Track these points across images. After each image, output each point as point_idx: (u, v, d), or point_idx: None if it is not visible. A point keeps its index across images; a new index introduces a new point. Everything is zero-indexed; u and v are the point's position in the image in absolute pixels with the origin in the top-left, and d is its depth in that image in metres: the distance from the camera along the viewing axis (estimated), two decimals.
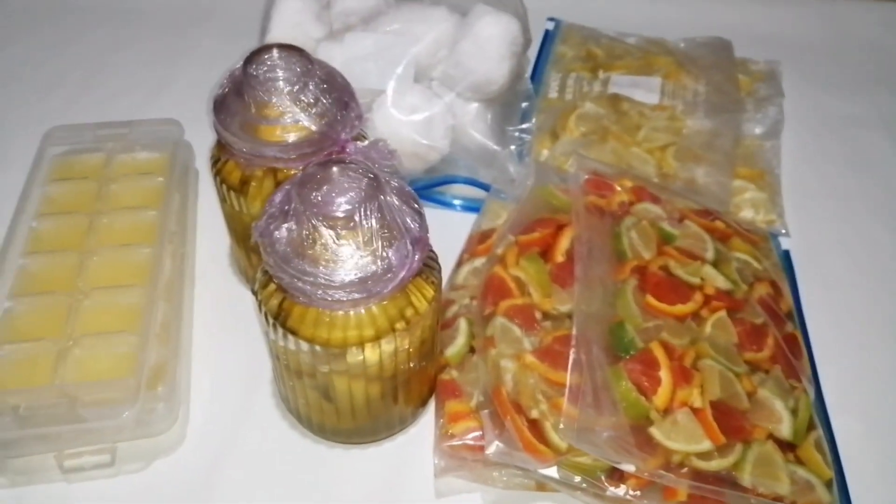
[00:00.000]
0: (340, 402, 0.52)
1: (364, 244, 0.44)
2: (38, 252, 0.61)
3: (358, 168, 0.45)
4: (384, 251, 0.45)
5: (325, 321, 0.46)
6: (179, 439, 0.56)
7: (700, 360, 0.53)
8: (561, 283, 0.57)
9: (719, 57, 0.85)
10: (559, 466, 0.51)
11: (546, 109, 0.80)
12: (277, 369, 0.54)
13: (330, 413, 0.53)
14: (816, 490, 0.50)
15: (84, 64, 0.89)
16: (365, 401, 0.52)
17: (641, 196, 0.65)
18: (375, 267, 0.44)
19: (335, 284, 0.44)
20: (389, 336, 0.47)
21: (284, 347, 0.48)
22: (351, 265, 0.44)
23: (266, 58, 0.53)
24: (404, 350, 0.49)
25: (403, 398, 0.54)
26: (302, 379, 0.51)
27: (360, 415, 0.53)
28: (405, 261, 0.45)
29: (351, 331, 0.46)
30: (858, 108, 0.86)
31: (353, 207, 0.43)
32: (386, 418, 0.55)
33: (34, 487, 0.53)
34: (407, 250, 0.45)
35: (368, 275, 0.44)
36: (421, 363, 0.52)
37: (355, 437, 0.56)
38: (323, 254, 0.44)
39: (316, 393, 0.52)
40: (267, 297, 0.48)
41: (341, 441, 0.56)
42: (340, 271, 0.44)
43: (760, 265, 0.63)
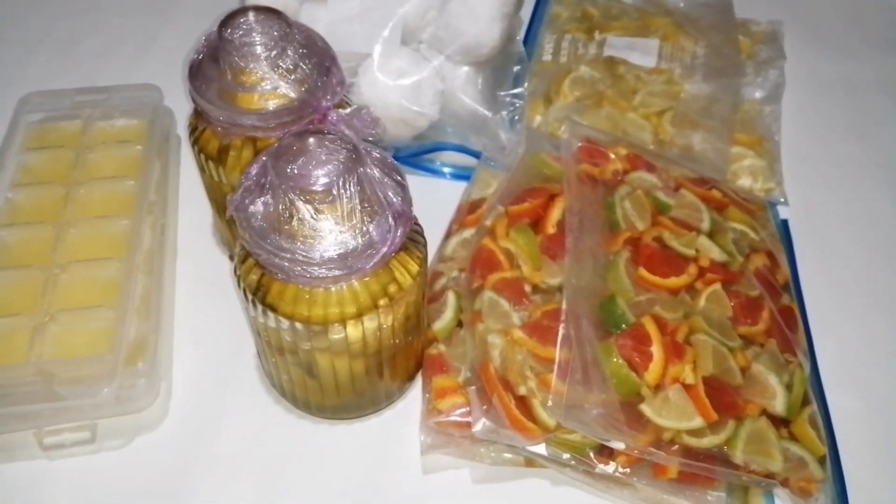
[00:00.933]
0: (324, 378, 0.51)
1: (344, 218, 0.42)
2: (13, 224, 0.59)
3: (336, 138, 0.43)
4: (365, 226, 0.43)
5: (304, 298, 0.45)
6: (161, 415, 0.55)
7: (693, 334, 0.52)
8: (552, 255, 0.56)
9: (719, 17, 0.82)
10: (548, 443, 0.50)
11: (539, 73, 0.77)
12: (259, 345, 0.53)
13: (314, 390, 0.52)
14: (809, 466, 0.49)
15: (61, 27, 0.86)
16: (349, 377, 0.51)
17: (636, 164, 0.63)
18: (356, 243, 0.42)
19: (314, 261, 0.42)
20: (372, 313, 0.46)
21: (265, 324, 0.47)
22: (330, 241, 0.42)
23: (242, 21, 0.50)
24: (388, 326, 0.48)
25: (389, 374, 0.53)
26: (284, 356, 0.50)
27: (345, 391, 0.52)
28: (387, 236, 0.43)
29: (332, 308, 0.45)
30: (862, 72, 0.83)
31: (331, 181, 0.42)
32: (371, 394, 0.54)
33: (14, 465, 0.53)
34: (389, 225, 0.44)
35: (349, 251, 0.42)
36: (406, 338, 0.51)
37: (341, 412, 0.55)
38: (301, 229, 0.42)
39: (299, 370, 0.50)
40: (246, 273, 0.46)
41: (326, 417, 0.55)
42: (319, 247, 0.42)
43: (757, 236, 0.61)
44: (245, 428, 0.55)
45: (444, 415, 0.52)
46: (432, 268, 0.60)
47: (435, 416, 0.52)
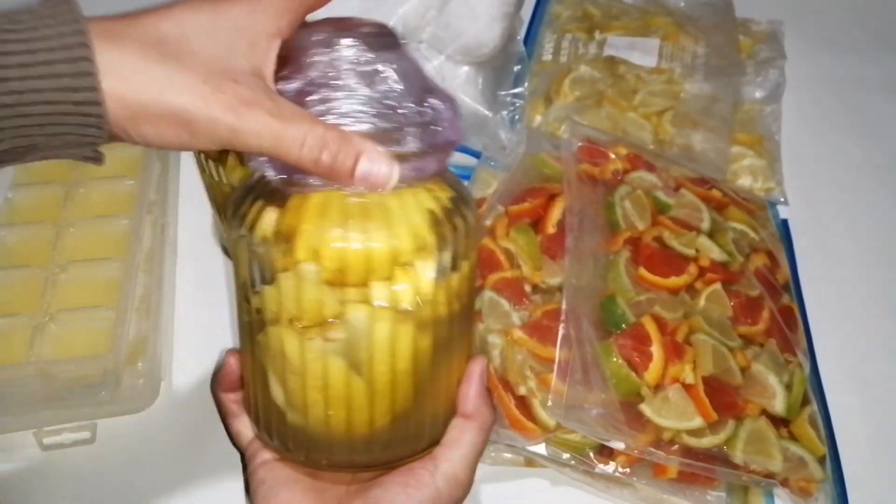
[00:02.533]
0: (378, 367, 0.35)
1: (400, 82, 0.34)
2: (13, 224, 0.59)
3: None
4: (424, 95, 0.35)
5: (351, 209, 0.34)
6: (161, 415, 0.55)
7: (693, 334, 0.52)
8: (552, 255, 0.56)
9: (720, 17, 0.82)
10: (547, 443, 0.50)
11: (539, 73, 0.77)
12: (258, 366, 0.38)
13: (357, 400, 0.36)
14: (809, 466, 0.49)
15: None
16: (412, 362, 0.36)
17: (636, 164, 0.63)
18: (420, 116, 0.34)
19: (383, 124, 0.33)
20: (444, 244, 0.34)
21: (290, 290, 0.34)
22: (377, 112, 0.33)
23: None
24: (463, 277, 0.36)
25: (455, 365, 0.39)
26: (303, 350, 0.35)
27: (402, 393, 0.37)
28: (454, 120, 0.35)
29: (396, 225, 0.34)
30: (863, 71, 0.83)
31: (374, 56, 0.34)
32: (430, 405, 0.39)
33: (14, 464, 0.53)
34: (452, 110, 0.35)
35: (420, 120, 0.34)
36: (467, 320, 0.40)
37: (378, 451, 0.38)
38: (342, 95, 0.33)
39: (339, 364, 0.35)
40: (256, 214, 0.35)
41: (355, 466, 0.39)
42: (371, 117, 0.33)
43: (757, 235, 0.61)
44: None
45: None
46: None
47: None
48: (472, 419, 0.40)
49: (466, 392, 0.40)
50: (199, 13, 0.31)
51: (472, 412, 0.40)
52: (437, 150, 0.35)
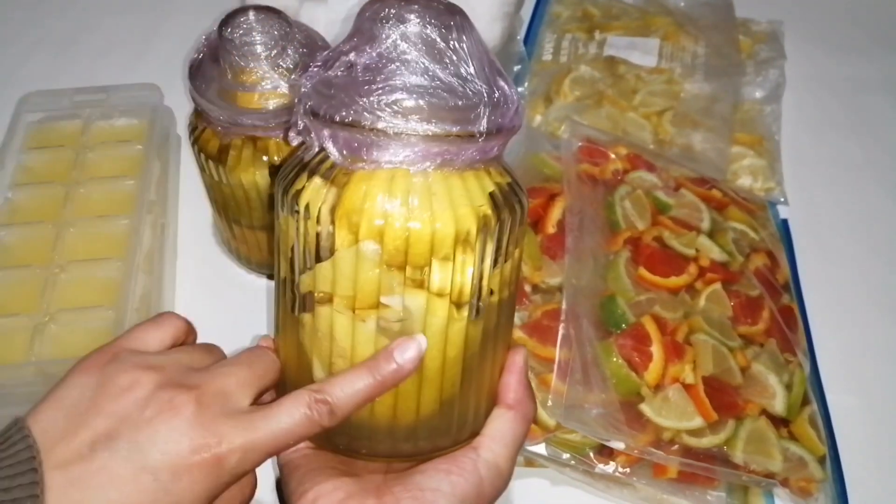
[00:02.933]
0: (433, 349, 0.35)
1: (467, 62, 0.33)
2: (13, 224, 0.59)
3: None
4: (493, 77, 0.34)
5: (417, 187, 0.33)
6: None
7: (693, 334, 0.52)
8: (552, 255, 0.56)
9: (720, 17, 0.82)
10: (547, 443, 0.50)
11: (539, 73, 0.77)
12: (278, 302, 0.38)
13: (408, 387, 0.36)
14: (809, 466, 0.49)
15: (60, 27, 0.86)
16: (462, 348, 0.36)
17: (636, 164, 0.63)
18: (493, 93, 0.33)
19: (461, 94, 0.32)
20: (498, 227, 0.34)
21: (353, 270, 0.33)
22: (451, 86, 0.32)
23: (242, 20, 0.50)
24: (513, 264, 0.36)
25: (500, 354, 0.39)
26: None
27: (451, 376, 0.36)
28: (519, 106, 0.35)
29: (461, 206, 0.33)
30: (863, 71, 0.83)
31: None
32: (474, 392, 0.38)
33: None
34: (517, 94, 0.35)
35: (494, 99, 0.33)
36: (514, 300, 0.40)
37: (424, 437, 0.38)
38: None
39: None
40: (315, 192, 0.34)
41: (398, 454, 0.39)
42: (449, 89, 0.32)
43: (757, 235, 0.61)
44: None
45: None
46: None
47: None
48: (515, 409, 0.39)
49: (508, 382, 0.39)
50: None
51: (515, 403, 0.39)
52: (504, 132, 0.34)
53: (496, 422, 0.38)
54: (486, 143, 0.33)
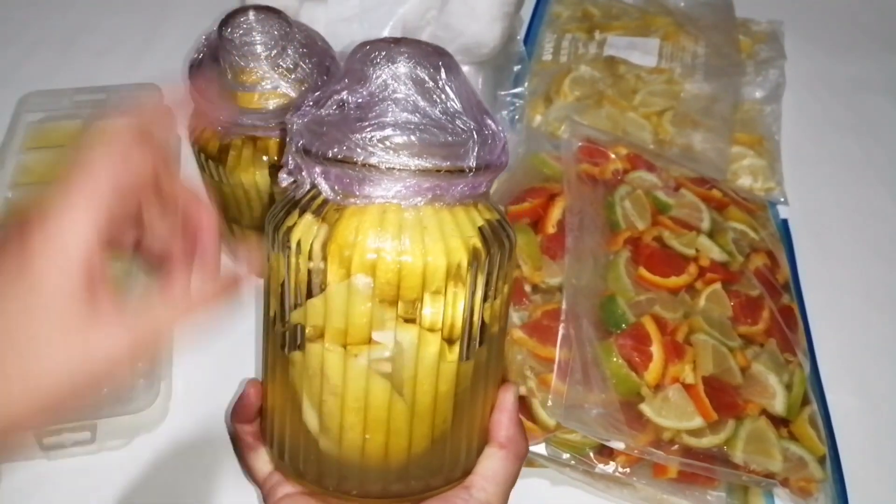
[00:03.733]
0: (420, 387, 0.35)
1: (454, 100, 0.34)
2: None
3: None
4: (480, 115, 0.35)
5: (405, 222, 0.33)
6: (161, 415, 0.55)
7: (693, 334, 0.52)
8: (552, 255, 0.56)
9: (720, 17, 0.82)
10: (547, 443, 0.50)
11: (539, 73, 0.77)
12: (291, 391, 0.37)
13: (397, 422, 0.35)
14: (809, 466, 0.49)
15: (60, 26, 0.86)
16: (455, 383, 0.36)
17: (636, 164, 0.63)
18: (481, 132, 0.34)
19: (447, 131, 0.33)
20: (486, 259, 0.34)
21: (342, 300, 0.33)
22: (439, 125, 0.33)
23: (242, 20, 0.50)
24: (502, 299, 0.36)
25: (491, 390, 0.39)
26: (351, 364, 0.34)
27: (442, 414, 0.36)
28: (505, 143, 0.35)
29: (451, 238, 0.34)
30: (863, 71, 0.83)
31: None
32: (466, 428, 0.38)
33: (14, 465, 0.53)
34: (504, 132, 0.36)
35: (482, 136, 0.34)
36: (504, 335, 0.40)
37: (413, 478, 0.38)
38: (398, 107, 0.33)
39: (382, 386, 0.34)
40: (307, 228, 0.34)
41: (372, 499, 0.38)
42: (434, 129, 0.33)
43: (757, 235, 0.61)
44: None
45: None
46: None
47: None
48: (506, 448, 0.39)
49: (500, 420, 0.39)
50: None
51: (507, 441, 0.39)
52: (492, 168, 0.35)
53: (488, 461, 0.39)
54: (475, 179, 0.34)
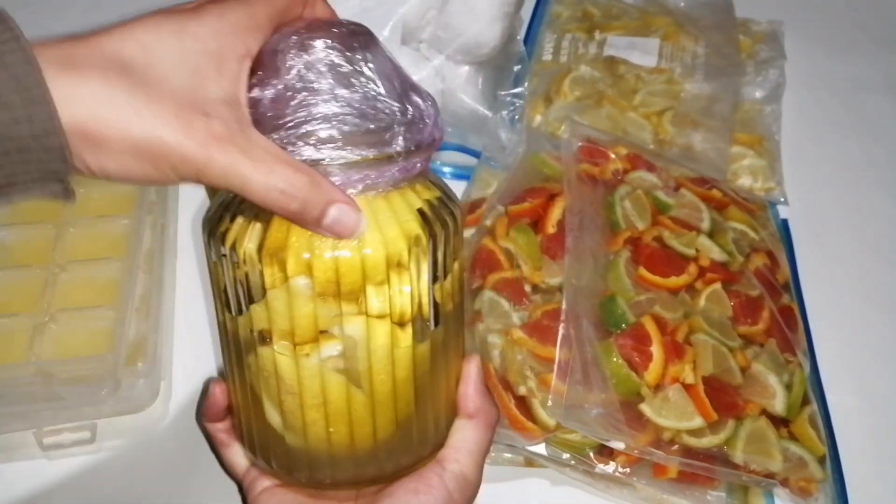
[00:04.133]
0: (377, 377, 0.35)
1: (380, 82, 0.33)
2: (13, 224, 0.59)
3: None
4: (406, 93, 0.34)
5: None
6: (161, 415, 0.55)
7: (693, 334, 0.52)
8: (552, 255, 0.56)
9: (720, 17, 0.82)
10: (547, 443, 0.50)
11: (539, 73, 0.77)
12: (251, 390, 0.37)
13: (359, 412, 0.35)
14: (809, 466, 0.49)
15: (60, 27, 0.86)
16: (411, 370, 0.36)
17: (636, 164, 0.63)
18: (405, 113, 0.33)
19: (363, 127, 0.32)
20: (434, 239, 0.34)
21: (285, 307, 0.33)
22: (362, 111, 0.32)
23: None
24: (453, 275, 0.36)
25: (453, 367, 0.39)
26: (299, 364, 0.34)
27: (403, 402, 0.36)
28: (437, 117, 0.35)
29: (387, 228, 0.33)
30: (863, 71, 0.83)
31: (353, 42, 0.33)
32: (431, 410, 0.38)
33: (14, 465, 0.53)
34: (434, 106, 0.35)
35: (408, 118, 0.33)
36: (462, 310, 0.40)
37: (381, 460, 0.38)
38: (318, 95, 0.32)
39: (337, 382, 0.34)
40: (240, 232, 0.33)
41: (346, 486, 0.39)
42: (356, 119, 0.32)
43: (758, 235, 0.61)
44: None
45: None
46: None
47: None
48: (476, 418, 0.39)
49: (466, 392, 0.40)
50: (164, 35, 0.29)
51: (475, 411, 0.39)
52: (423, 148, 0.34)
53: (459, 433, 0.39)
54: (406, 162, 0.33)
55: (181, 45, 0.29)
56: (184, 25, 0.29)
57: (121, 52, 0.28)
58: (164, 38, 0.29)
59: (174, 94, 0.28)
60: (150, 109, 0.28)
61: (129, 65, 0.28)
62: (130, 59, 0.28)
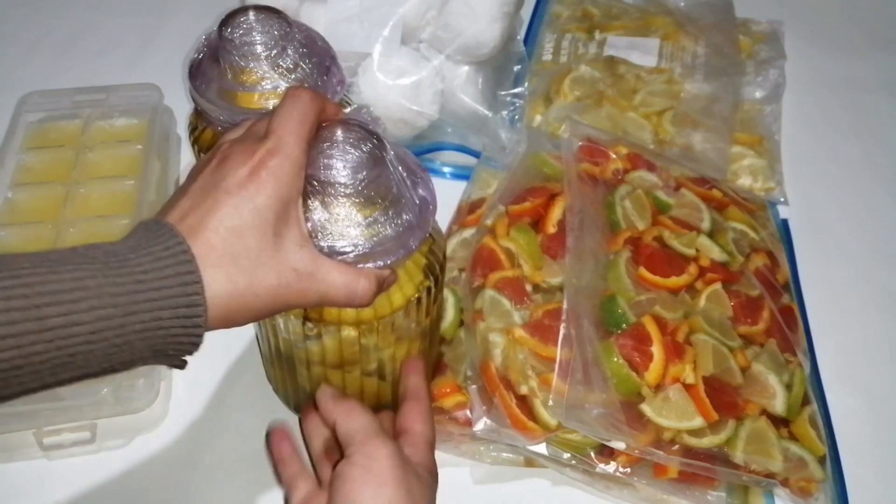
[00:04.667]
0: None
1: (379, 206, 0.41)
2: (13, 224, 0.59)
3: (359, 129, 0.41)
4: (412, 185, 0.42)
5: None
6: (161, 415, 0.55)
7: (693, 334, 0.52)
8: (552, 254, 0.56)
9: (720, 17, 0.82)
10: (548, 443, 0.50)
11: (539, 73, 0.77)
12: (272, 356, 0.51)
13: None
14: (809, 466, 0.49)
15: (60, 27, 0.86)
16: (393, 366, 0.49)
17: (636, 163, 0.63)
18: (389, 230, 0.41)
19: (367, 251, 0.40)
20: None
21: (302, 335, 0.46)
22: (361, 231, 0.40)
23: (242, 20, 0.50)
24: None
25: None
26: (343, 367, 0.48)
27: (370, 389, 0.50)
28: (433, 193, 0.43)
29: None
30: (863, 71, 0.83)
31: (360, 171, 0.40)
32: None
33: (14, 465, 0.53)
34: (432, 191, 0.43)
35: (385, 238, 0.40)
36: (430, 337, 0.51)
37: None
38: (334, 223, 0.40)
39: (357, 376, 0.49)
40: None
41: None
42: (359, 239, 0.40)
43: (757, 235, 0.61)
44: (245, 427, 0.55)
45: (445, 413, 0.52)
46: None
47: (437, 414, 0.52)
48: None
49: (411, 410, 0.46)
50: (235, 213, 0.34)
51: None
52: (423, 225, 0.42)
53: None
54: (414, 241, 0.41)
55: (254, 217, 0.35)
56: (241, 195, 0.35)
57: (225, 241, 0.34)
58: (239, 215, 0.35)
59: (270, 266, 0.35)
60: (263, 288, 0.35)
61: (238, 254, 0.34)
62: (235, 247, 0.34)
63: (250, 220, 0.34)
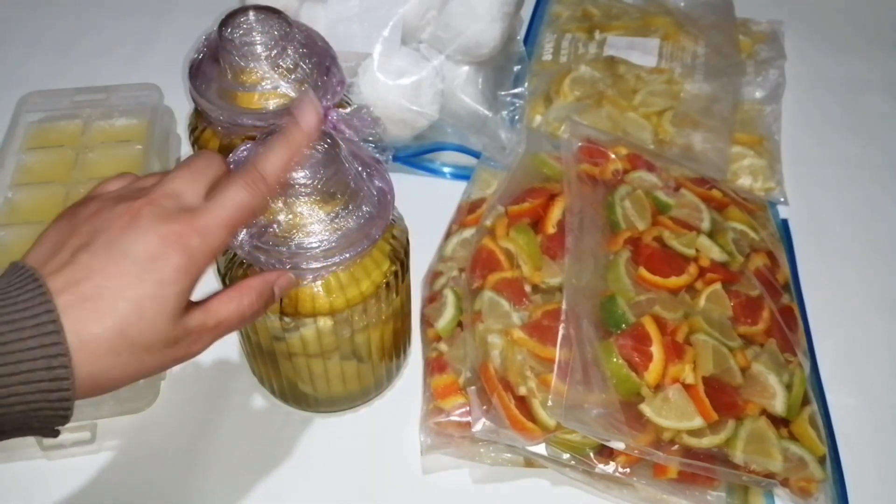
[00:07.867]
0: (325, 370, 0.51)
1: (336, 205, 0.43)
2: (13, 224, 0.59)
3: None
4: (369, 176, 0.44)
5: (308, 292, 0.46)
6: (161, 415, 0.55)
7: (693, 334, 0.52)
8: (552, 255, 0.56)
9: (720, 16, 0.82)
10: (548, 443, 0.50)
11: (539, 73, 0.77)
12: (251, 349, 0.53)
13: (318, 380, 0.52)
14: (809, 466, 0.49)
15: (60, 27, 0.86)
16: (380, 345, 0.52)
17: (636, 164, 0.63)
18: (350, 224, 0.43)
19: (319, 252, 0.42)
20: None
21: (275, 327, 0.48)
22: (322, 229, 0.42)
23: (242, 20, 0.50)
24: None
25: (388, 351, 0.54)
26: (281, 357, 0.50)
27: (345, 381, 0.53)
28: (390, 184, 0.45)
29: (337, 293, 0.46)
30: (862, 71, 0.83)
31: (315, 174, 0.42)
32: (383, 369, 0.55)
33: (14, 465, 0.53)
34: (377, 203, 0.45)
35: (347, 233, 0.43)
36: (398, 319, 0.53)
37: (339, 403, 0.56)
38: (294, 225, 0.42)
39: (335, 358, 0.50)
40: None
41: (322, 410, 0.56)
42: (318, 238, 0.42)
43: (758, 235, 0.61)
44: (244, 427, 0.55)
45: (445, 415, 0.52)
46: (433, 268, 0.60)
47: (436, 415, 0.52)
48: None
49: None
50: (137, 283, 0.33)
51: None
52: (384, 214, 0.44)
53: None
54: (377, 230, 0.44)
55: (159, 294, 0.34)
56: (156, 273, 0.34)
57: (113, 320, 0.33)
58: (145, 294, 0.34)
59: (141, 332, 0.33)
60: (136, 356, 0.34)
61: (122, 330, 0.33)
62: (118, 325, 0.33)
63: (151, 293, 0.33)
